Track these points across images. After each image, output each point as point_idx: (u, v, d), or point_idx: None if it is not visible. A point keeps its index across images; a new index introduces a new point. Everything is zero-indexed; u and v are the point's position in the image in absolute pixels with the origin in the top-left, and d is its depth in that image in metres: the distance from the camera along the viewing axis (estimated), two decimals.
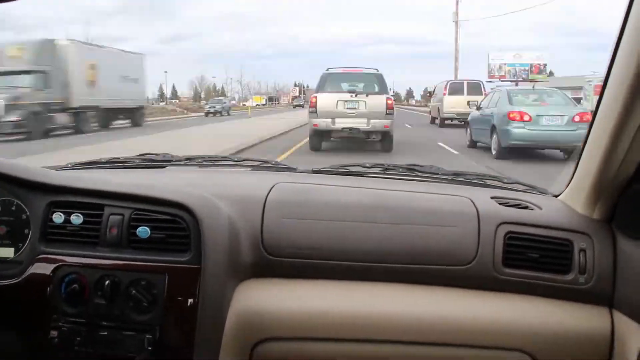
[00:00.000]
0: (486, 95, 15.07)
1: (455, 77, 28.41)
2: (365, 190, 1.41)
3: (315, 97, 10.88)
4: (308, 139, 11.65)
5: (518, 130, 9.68)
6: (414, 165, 1.65)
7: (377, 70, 11.31)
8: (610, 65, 1.06)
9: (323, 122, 10.74)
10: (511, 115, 9.83)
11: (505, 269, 1.26)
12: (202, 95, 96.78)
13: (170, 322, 1.16)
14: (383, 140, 11.00)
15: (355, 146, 11.84)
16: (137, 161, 1.75)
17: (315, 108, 10.70)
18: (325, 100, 10.65)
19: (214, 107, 41.90)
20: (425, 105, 40.83)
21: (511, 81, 28.55)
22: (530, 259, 1.26)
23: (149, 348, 1.15)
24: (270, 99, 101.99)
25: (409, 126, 20.87)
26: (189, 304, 1.15)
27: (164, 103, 75.95)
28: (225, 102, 44.68)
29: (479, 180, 1.58)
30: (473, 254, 1.27)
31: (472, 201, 1.35)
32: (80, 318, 1.18)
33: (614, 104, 1.05)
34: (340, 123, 10.69)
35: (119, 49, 23.63)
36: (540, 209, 1.36)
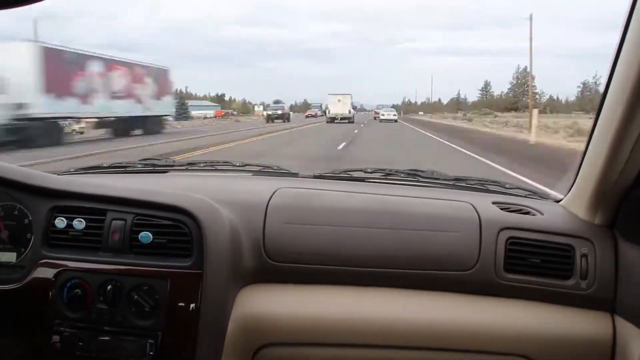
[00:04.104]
0: None
1: None
2: (367, 196, 1.41)
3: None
4: None
5: None
6: (416, 170, 1.65)
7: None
8: (611, 72, 1.07)
9: None
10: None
11: (507, 274, 1.27)
12: None
13: (172, 327, 1.16)
14: None
15: None
16: (139, 166, 1.75)
17: None
18: None
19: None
20: None
21: None
22: (532, 265, 1.26)
23: (151, 353, 1.15)
24: None
25: None
26: (191, 309, 1.15)
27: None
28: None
29: (480, 186, 1.58)
30: (475, 260, 1.27)
31: (473, 206, 1.35)
32: (82, 323, 1.18)
33: (614, 110, 1.05)
34: None
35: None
36: (542, 214, 1.36)
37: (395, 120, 40.16)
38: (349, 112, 38.50)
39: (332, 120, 37.02)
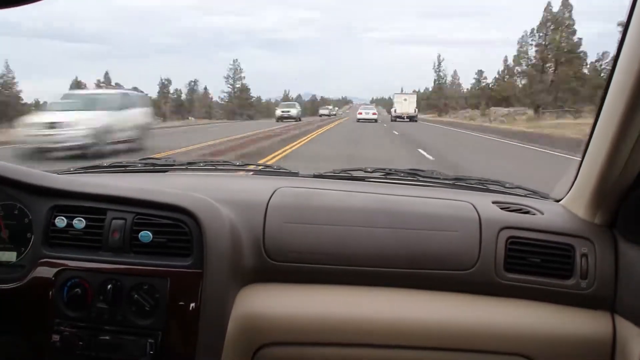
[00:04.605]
0: None
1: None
2: (367, 195, 1.41)
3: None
4: None
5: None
6: (416, 169, 1.65)
7: None
8: (612, 71, 1.07)
9: None
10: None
11: (507, 273, 1.26)
12: None
13: (172, 326, 1.16)
14: None
15: None
16: (139, 165, 1.75)
17: None
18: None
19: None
20: None
21: None
22: (532, 264, 1.26)
23: (151, 352, 1.15)
24: None
25: None
26: (191, 309, 1.15)
27: None
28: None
29: (480, 185, 1.58)
30: (475, 259, 1.27)
31: (473, 206, 1.35)
32: (82, 322, 1.18)
33: (615, 110, 1.05)
34: None
35: None
36: (542, 213, 1.36)
37: (375, 120, 38.36)
38: (414, 110, 42.32)
39: (396, 119, 40.39)
